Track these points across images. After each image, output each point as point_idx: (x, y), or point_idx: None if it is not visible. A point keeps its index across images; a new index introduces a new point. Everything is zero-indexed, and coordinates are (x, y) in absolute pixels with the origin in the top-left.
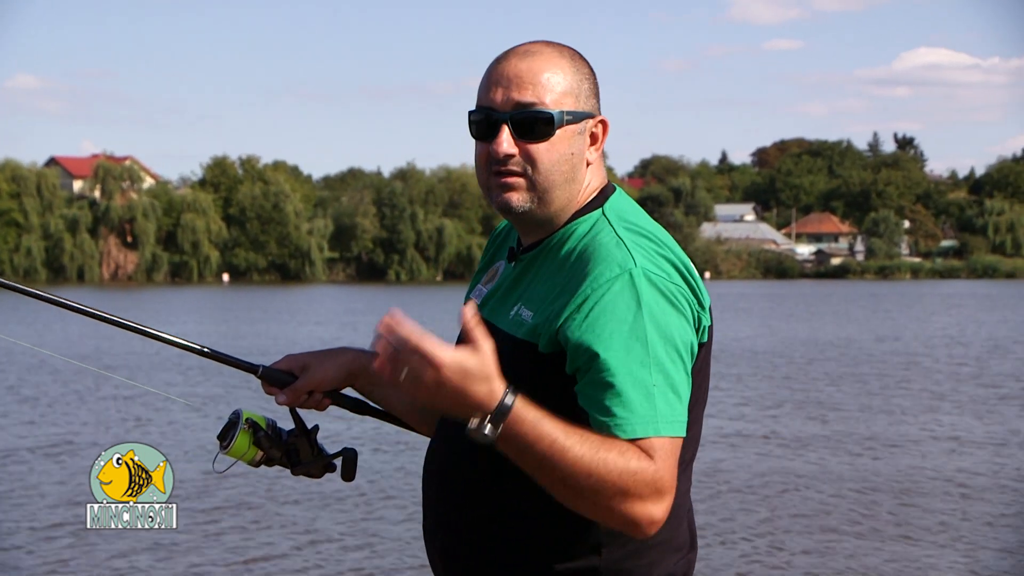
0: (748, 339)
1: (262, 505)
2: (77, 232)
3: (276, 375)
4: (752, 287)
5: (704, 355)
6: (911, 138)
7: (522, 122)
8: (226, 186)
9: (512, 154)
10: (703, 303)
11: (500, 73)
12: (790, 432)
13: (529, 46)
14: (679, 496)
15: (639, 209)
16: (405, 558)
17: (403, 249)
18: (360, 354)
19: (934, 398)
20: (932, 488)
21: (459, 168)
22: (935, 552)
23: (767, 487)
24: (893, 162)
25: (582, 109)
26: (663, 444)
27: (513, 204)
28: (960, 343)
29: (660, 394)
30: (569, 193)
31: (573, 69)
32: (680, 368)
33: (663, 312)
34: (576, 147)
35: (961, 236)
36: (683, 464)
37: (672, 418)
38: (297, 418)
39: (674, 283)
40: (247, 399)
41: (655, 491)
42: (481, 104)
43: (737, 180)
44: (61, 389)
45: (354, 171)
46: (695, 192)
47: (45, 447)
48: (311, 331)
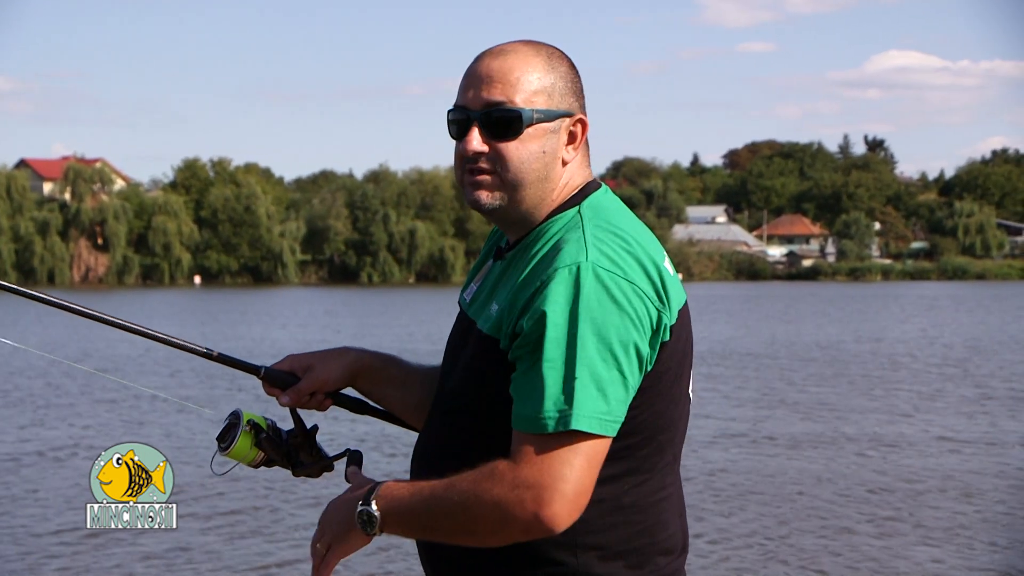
0: (731, 340)
1: (265, 508)
2: (47, 235)
3: (279, 376)
4: (725, 288)
5: (668, 355)
6: (881, 140)
7: (491, 121)
8: (197, 188)
9: (481, 152)
10: (666, 301)
11: (473, 72)
12: (783, 432)
13: (505, 45)
14: (660, 497)
15: (620, 207)
16: (415, 566)
17: (375, 251)
18: (362, 354)
19: (923, 398)
20: (932, 487)
21: (431, 170)
22: (933, 551)
23: (765, 487)
24: (864, 164)
25: (556, 108)
26: (571, 438)
27: (483, 202)
28: (943, 344)
29: (581, 389)
30: (542, 191)
31: (547, 67)
32: (612, 367)
33: (602, 308)
34: (548, 145)
35: (931, 238)
36: (658, 464)
37: (591, 414)
38: (298, 419)
39: (627, 279)
40: (239, 401)
41: (527, 486)
42: (456, 103)
43: (709, 182)
44: (55, 391)
45: (326, 173)
46: (667, 194)
47: (45, 447)
48: (293, 333)
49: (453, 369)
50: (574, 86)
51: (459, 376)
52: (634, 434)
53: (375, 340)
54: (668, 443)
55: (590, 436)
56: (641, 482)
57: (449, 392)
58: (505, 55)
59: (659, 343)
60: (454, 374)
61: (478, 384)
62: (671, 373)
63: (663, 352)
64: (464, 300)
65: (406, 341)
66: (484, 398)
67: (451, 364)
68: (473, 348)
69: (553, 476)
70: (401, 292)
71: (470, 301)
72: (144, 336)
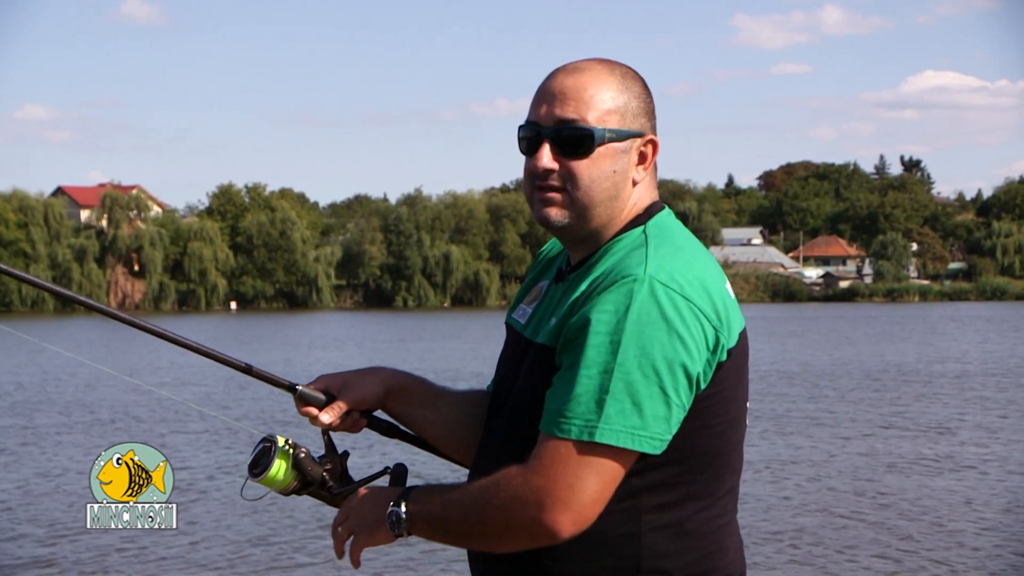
0: (779, 362)
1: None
2: (84, 262)
3: (312, 395)
4: (762, 310)
5: (724, 375)
6: (918, 160)
7: (562, 138)
8: (232, 214)
9: (552, 169)
10: (725, 321)
11: (547, 89)
12: (848, 452)
13: (580, 63)
14: (722, 523)
15: (684, 229)
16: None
17: (410, 275)
18: (395, 372)
19: (993, 416)
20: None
21: (465, 194)
22: None
23: (824, 505)
24: (900, 185)
25: (628, 128)
26: (591, 449)
27: (552, 219)
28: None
29: (613, 402)
30: (611, 211)
31: (621, 87)
32: (652, 382)
33: (651, 324)
34: (619, 165)
35: (969, 258)
36: (719, 490)
37: (620, 428)
38: (330, 442)
39: (684, 296)
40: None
41: (534, 490)
42: (528, 119)
43: (744, 204)
44: (53, 391)
45: (360, 198)
46: (702, 216)
47: (45, 448)
48: (328, 356)
49: (513, 385)
50: (646, 106)
51: (520, 388)
52: (694, 457)
53: (411, 365)
54: (727, 467)
55: (615, 449)
56: (704, 507)
57: (511, 406)
58: (579, 72)
59: (716, 363)
60: (514, 390)
61: (538, 393)
62: (728, 395)
63: (719, 372)
64: (516, 321)
65: (451, 363)
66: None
67: (509, 381)
68: (531, 360)
69: (564, 483)
70: (436, 316)
71: (525, 323)
72: (184, 347)
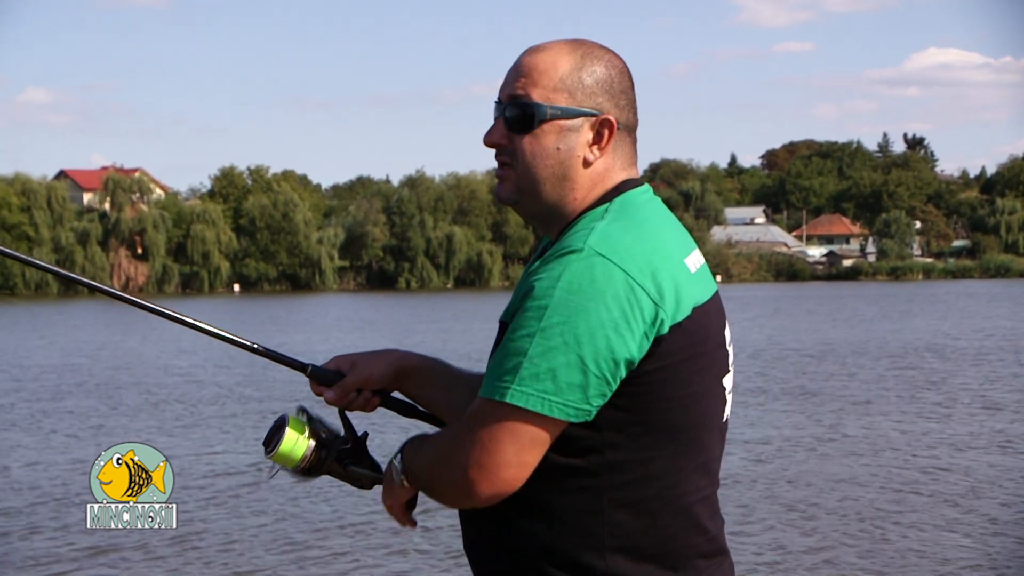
0: (790, 341)
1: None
2: (87, 245)
3: (325, 373)
4: (765, 290)
5: (668, 351)
6: (921, 138)
7: (510, 114)
8: (235, 196)
9: (500, 144)
10: (665, 297)
11: (511, 66)
12: (850, 432)
13: (546, 43)
14: (694, 500)
15: (655, 205)
16: None
17: (413, 257)
18: (407, 354)
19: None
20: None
21: (468, 175)
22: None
23: (818, 488)
24: (903, 163)
25: (579, 106)
26: (505, 411)
27: (501, 195)
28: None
29: (529, 366)
30: (561, 190)
31: (576, 65)
32: (571, 351)
33: (579, 292)
34: (566, 143)
35: (973, 236)
36: (687, 466)
37: (531, 391)
38: (347, 422)
39: (622, 268)
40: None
41: (459, 447)
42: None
43: (747, 183)
44: (55, 389)
45: (363, 179)
46: (705, 195)
47: (45, 447)
48: (339, 338)
49: None
50: (607, 86)
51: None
52: (652, 433)
53: (417, 344)
54: (695, 443)
55: (529, 413)
56: (671, 485)
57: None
58: (539, 51)
59: (655, 337)
60: None
61: None
62: (681, 369)
63: (661, 347)
64: None
65: (450, 343)
66: None
67: None
68: (497, 337)
69: (479, 443)
70: (439, 297)
71: None
72: (196, 329)
